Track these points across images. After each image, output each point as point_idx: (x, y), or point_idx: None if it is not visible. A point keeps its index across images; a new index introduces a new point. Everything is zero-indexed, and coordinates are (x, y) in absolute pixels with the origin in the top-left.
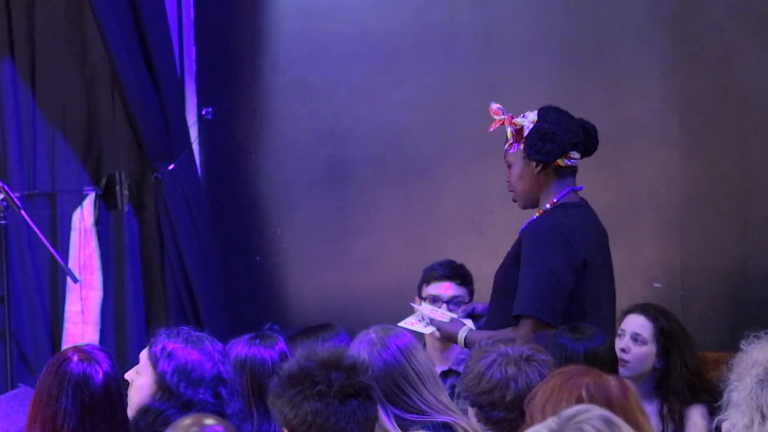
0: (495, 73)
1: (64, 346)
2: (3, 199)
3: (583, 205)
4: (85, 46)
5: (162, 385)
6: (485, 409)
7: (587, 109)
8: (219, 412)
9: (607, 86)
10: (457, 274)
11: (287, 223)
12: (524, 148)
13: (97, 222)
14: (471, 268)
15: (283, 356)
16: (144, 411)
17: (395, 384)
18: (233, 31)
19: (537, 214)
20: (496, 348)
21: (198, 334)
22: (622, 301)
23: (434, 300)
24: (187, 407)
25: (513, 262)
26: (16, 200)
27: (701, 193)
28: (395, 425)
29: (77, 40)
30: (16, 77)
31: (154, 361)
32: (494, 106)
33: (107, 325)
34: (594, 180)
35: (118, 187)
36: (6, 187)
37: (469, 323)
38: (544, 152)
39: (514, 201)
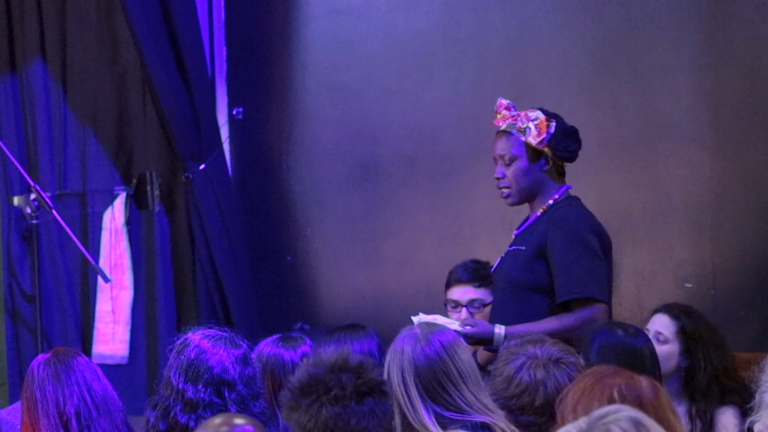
0: (525, 73)
1: (95, 345)
2: (35, 199)
3: (580, 199)
4: (116, 46)
5: (166, 378)
6: (515, 413)
7: (618, 109)
8: (224, 412)
9: (638, 86)
10: (476, 276)
11: (318, 223)
12: (552, 145)
13: (128, 222)
14: None
15: (305, 358)
16: (153, 404)
17: (437, 381)
18: (264, 31)
19: (540, 212)
20: (525, 350)
21: (221, 333)
22: (652, 301)
23: (455, 305)
24: (189, 405)
25: (535, 256)
26: (47, 200)
27: (732, 193)
28: (435, 422)
29: (108, 40)
30: (48, 78)
31: (169, 353)
32: (503, 101)
33: (138, 325)
34: (625, 180)
35: (149, 187)
36: (38, 187)
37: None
38: (570, 151)
39: (505, 197)
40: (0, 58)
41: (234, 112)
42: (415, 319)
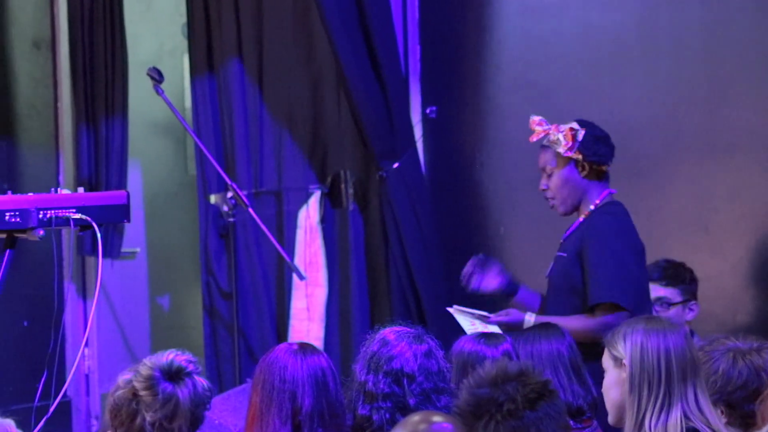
0: (723, 71)
1: None
2: (231, 198)
3: (622, 204)
4: (311, 46)
5: (353, 373)
6: (740, 404)
7: None
8: (402, 403)
9: None
10: (665, 275)
11: (511, 222)
12: (581, 151)
13: (323, 220)
14: (696, 267)
15: (507, 356)
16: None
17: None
18: (458, 30)
19: (582, 217)
20: (722, 345)
21: (409, 329)
22: None
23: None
24: (368, 396)
25: (573, 262)
26: (244, 198)
27: None
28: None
29: (304, 40)
30: (245, 77)
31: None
32: (536, 118)
33: (332, 322)
34: None
35: (343, 186)
36: (235, 186)
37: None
38: (600, 155)
39: (553, 207)
40: (198, 58)
41: (427, 111)
42: (450, 310)
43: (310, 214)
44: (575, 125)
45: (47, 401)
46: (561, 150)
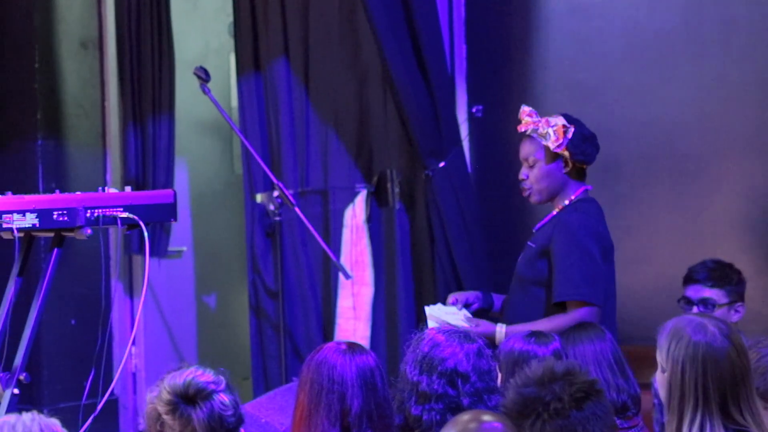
0: None
1: None
2: (278, 197)
3: (595, 201)
4: (357, 45)
5: (402, 373)
6: None
7: None
8: (455, 403)
9: None
10: (712, 276)
11: None
12: (569, 148)
13: (369, 219)
14: (744, 267)
15: (557, 355)
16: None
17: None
18: (504, 30)
19: (556, 211)
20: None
21: (457, 329)
22: None
23: (687, 302)
24: (422, 397)
25: (539, 254)
26: (290, 197)
27: None
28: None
29: (350, 39)
30: (291, 77)
31: (406, 349)
32: (526, 108)
33: (378, 321)
34: None
35: (389, 185)
36: (281, 185)
37: (463, 312)
38: (587, 154)
39: (527, 196)
40: (245, 57)
41: (474, 110)
42: (427, 309)
43: (356, 213)
44: (564, 121)
45: (94, 399)
46: (550, 145)
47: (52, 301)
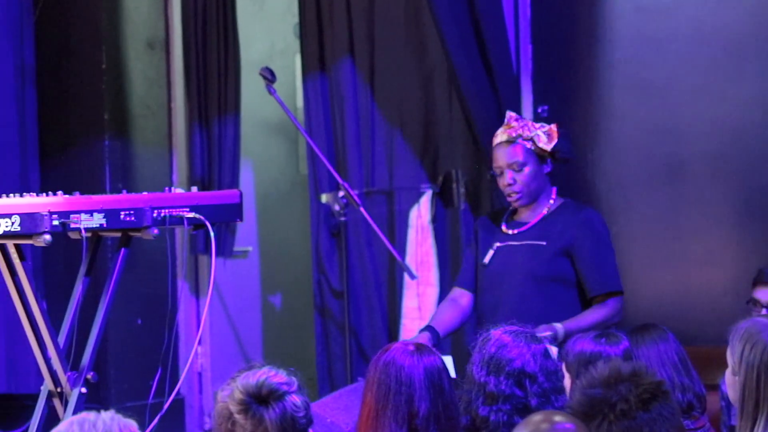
0: None
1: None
2: (343, 197)
3: None
4: (422, 45)
5: (469, 374)
6: None
7: None
8: (522, 404)
9: None
10: None
11: (624, 222)
12: (560, 147)
13: (434, 219)
14: None
15: (627, 354)
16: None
17: None
18: (570, 29)
19: (545, 211)
20: None
21: (522, 329)
22: None
23: (755, 304)
24: (490, 397)
25: (559, 253)
26: (356, 198)
27: None
28: None
29: (415, 40)
30: (356, 77)
31: (471, 350)
32: (512, 114)
33: None
34: None
35: (454, 185)
36: (346, 185)
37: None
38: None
39: (516, 201)
40: (310, 57)
41: (539, 110)
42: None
43: (421, 214)
44: (548, 124)
45: (161, 399)
46: (544, 146)
47: (119, 300)
